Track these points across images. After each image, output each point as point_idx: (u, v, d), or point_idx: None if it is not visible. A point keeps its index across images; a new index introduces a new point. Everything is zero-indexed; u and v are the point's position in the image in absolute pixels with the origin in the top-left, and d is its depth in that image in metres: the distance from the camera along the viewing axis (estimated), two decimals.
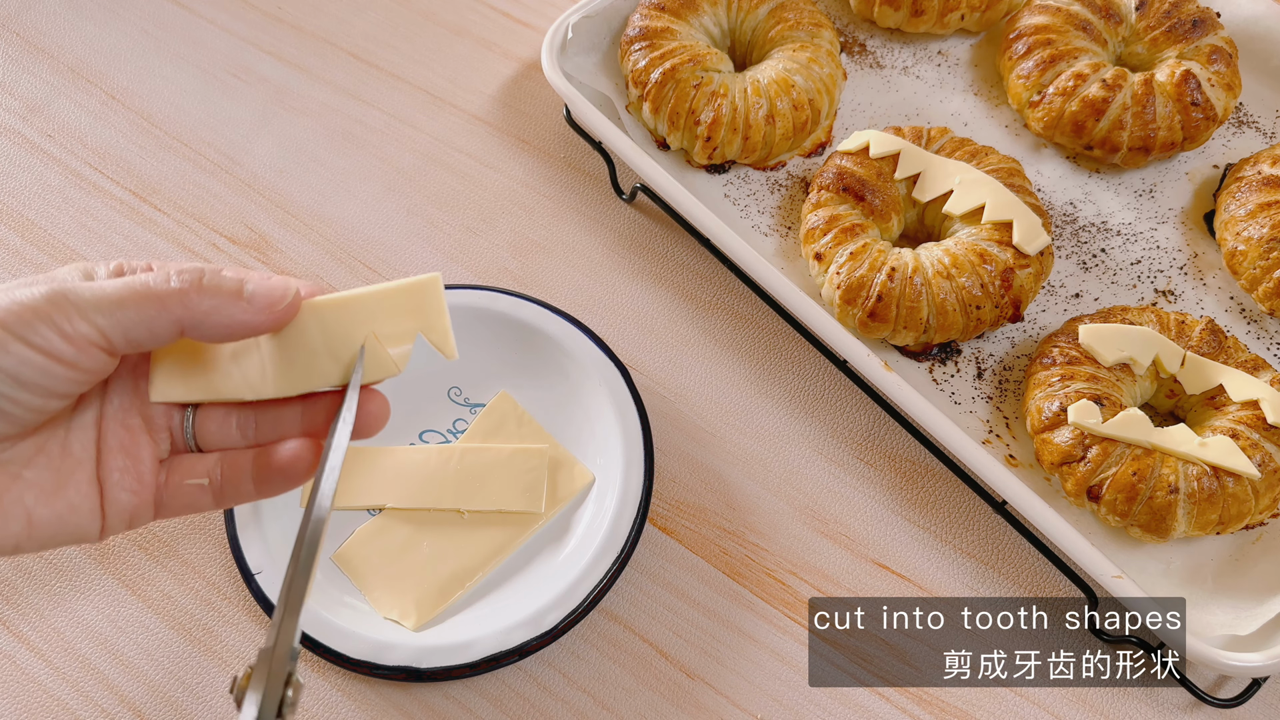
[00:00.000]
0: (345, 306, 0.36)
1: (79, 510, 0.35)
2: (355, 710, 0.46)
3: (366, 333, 0.36)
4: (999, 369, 0.55)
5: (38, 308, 0.31)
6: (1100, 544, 0.49)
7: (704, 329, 0.58)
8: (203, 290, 0.33)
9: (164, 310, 0.33)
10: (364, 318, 0.36)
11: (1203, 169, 0.62)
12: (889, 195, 0.56)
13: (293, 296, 0.35)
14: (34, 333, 0.31)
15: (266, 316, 0.35)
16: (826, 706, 0.47)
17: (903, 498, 0.52)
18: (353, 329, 0.36)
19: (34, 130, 0.64)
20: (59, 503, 0.34)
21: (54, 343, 0.31)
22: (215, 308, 0.33)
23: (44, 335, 0.31)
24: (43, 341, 0.31)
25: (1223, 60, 0.60)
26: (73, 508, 0.34)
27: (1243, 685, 0.46)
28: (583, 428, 0.52)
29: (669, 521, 0.51)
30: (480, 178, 0.63)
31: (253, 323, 0.34)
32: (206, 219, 0.61)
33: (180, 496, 0.37)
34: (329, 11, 0.70)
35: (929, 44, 0.67)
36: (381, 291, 0.37)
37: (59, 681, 0.47)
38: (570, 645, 0.48)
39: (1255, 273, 0.55)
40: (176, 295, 0.33)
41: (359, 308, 0.36)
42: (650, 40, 0.60)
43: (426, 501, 0.50)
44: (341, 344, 0.36)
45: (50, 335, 0.31)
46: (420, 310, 0.37)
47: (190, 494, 0.37)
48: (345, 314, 0.36)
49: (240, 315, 0.34)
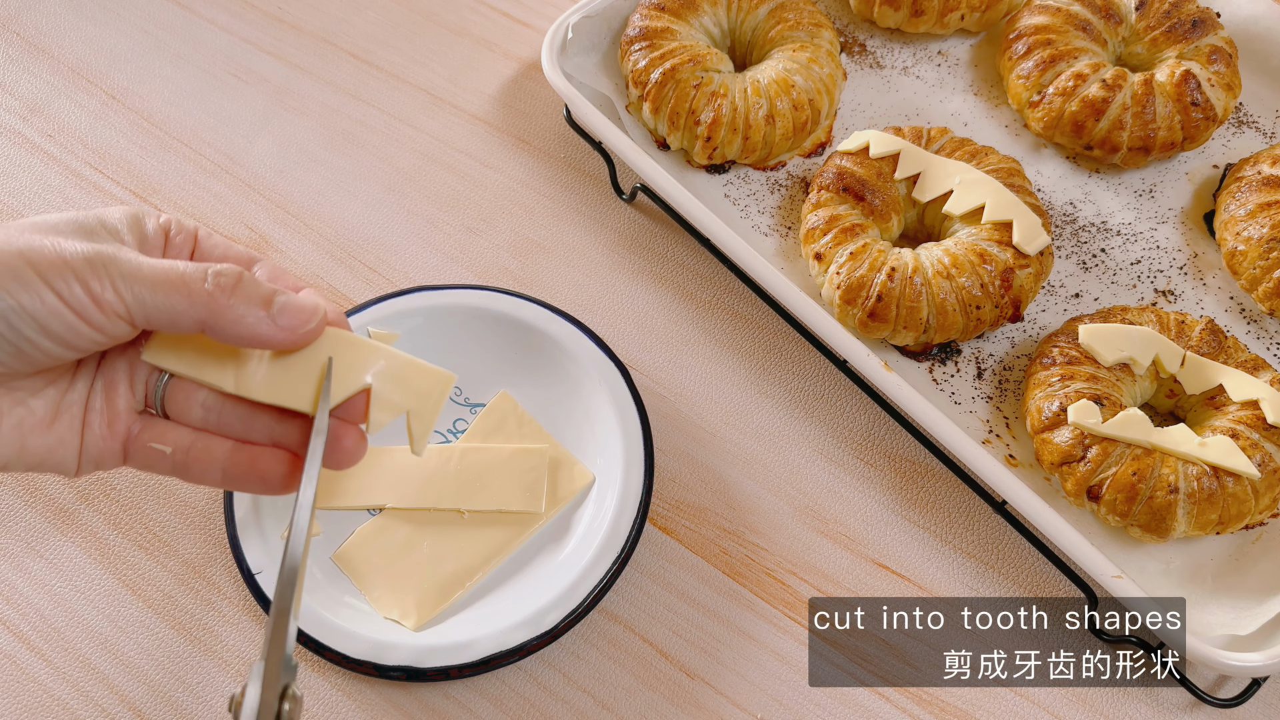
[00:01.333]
0: (361, 349, 0.37)
1: (65, 444, 0.36)
2: (355, 710, 0.46)
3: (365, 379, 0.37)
4: (999, 369, 0.55)
5: (77, 265, 0.32)
6: (1100, 544, 0.49)
7: (704, 329, 0.58)
8: (234, 297, 0.34)
9: (191, 308, 0.34)
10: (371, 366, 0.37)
11: (1203, 169, 0.62)
12: (889, 195, 0.56)
13: (318, 322, 0.36)
14: (67, 288, 0.32)
15: (288, 336, 0.36)
16: (826, 706, 0.47)
17: (903, 498, 0.52)
18: (357, 371, 0.37)
19: (34, 130, 0.64)
20: (50, 435, 0.35)
21: (84, 302, 0.32)
22: (240, 317, 0.34)
23: (75, 293, 0.32)
24: (73, 298, 0.32)
25: (1223, 60, 0.60)
26: (61, 441, 0.36)
27: (1243, 685, 0.46)
28: (583, 428, 0.52)
29: (669, 521, 0.51)
30: (480, 178, 0.63)
31: (272, 338, 0.35)
32: (206, 219, 0.61)
33: (144, 455, 0.38)
34: (329, 11, 0.70)
35: (929, 44, 0.67)
36: (399, 355, 0.38)
37: (59, 681, 0.47)
38: (570, 645, 0.48)
39: (1255, 273, 0.55)
40: (206, 297, 0.34)
41: (373, 356, 0.37)
42: (650, 40, 0.60)
43: (426, 501, 0.50)
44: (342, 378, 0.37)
45: (81, 294, 0.32)
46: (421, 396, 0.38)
47: (152, 456, 0.38)
48: (357, 354, 0.37)
49: (261, 329, 0.35)
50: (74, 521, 0.50)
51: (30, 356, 0.33)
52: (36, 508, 0.51)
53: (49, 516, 0.51)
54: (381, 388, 0.37)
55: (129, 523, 0.50)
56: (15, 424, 0.35)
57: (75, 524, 0.50)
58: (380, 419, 0.38)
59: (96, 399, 0.37)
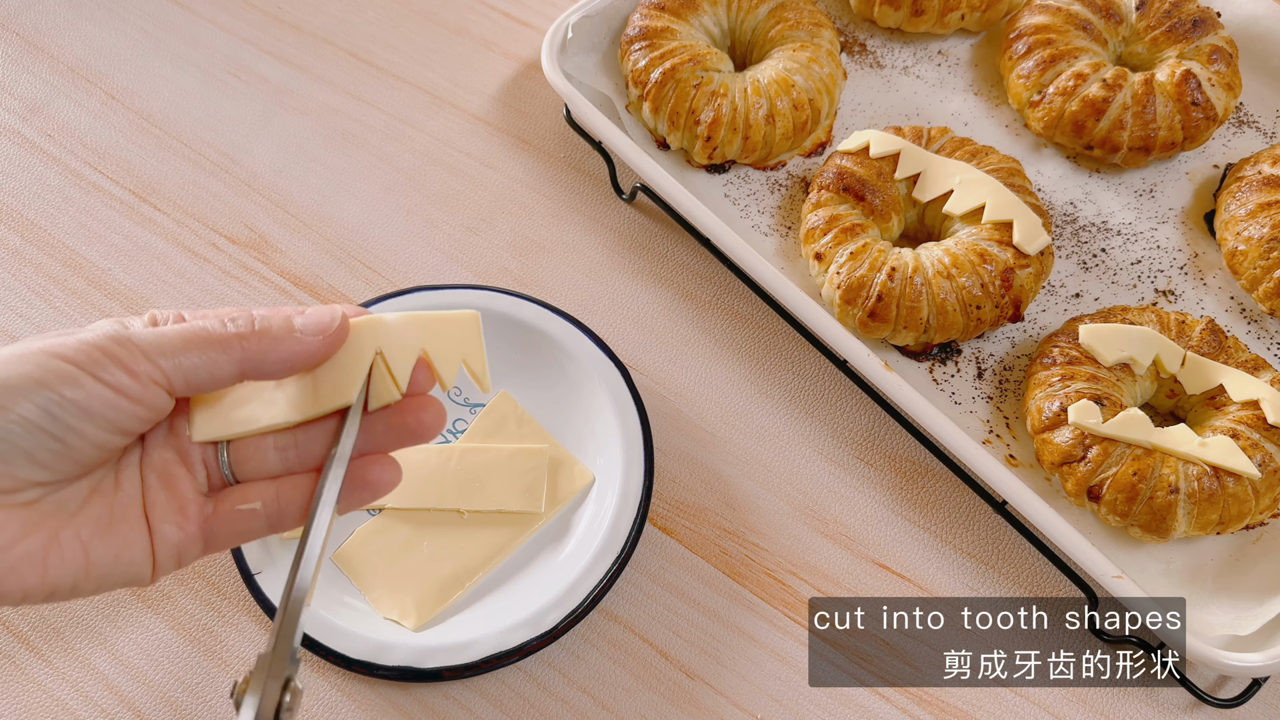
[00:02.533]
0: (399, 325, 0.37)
1: (133, 546, 0.35)
2: (355, 710, 0.46)
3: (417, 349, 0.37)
4: (999, 369, 0.55)
5: (106, 348, 0.32)
6: (1100, 544, 0.49)
7: (704, 329, 0.57)
8: (257, 333, 0.34)
9: (225, 353, 0.34)
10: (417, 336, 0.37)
11: (1203, 169, 0.62)
12: (889, 195, 0.56)
13: (340, 319, 0.36)
14: (104, 370, 0.32)
15: (321, 342, 0.35)
16: (826, 706, 0.47)
17: (903, 498, 0.52)
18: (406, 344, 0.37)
19: (34, 130, 0.64)
20: (114, 540, 0.34)
21: (122, 380, 0.32)
22: (272, 346, 0.34)
23: (113, 373, 0.32)
24: (112, 378, 0.32)
25: (1223, 60, 0.60)
26: (127, 544, 0.35)
27: (1243, 685, 0.46)
28: (583, 428, 0.52)
29: (669, 521, 0.51)
30: (480, 178, 0.63)
31: (310, 352, 0.35)
32: (206, 219, 0.61)
33: (231, 523, 0.37)
34: (329, 11, 0.70)
35: (929, 44, 0.67)
36: (426, 315, 0.38)
37: (59, 681, 0.47)
38: (570, 645, 0.48)
39: (1255, 273, 0.55)
40: (235, 340, 0.34)
41: (414, 327, 0.37)
42: (650, 40, 0.60)
43: (426, 501, 0.50)
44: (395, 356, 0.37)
45: (119, 373, 0.32)
46: (463, 340, 0.38)
47: (242, 520, 0.37)
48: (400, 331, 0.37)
49: (296, 347, 0.35)
50: None
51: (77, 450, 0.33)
52: None
53: None
54: (434, 348, 0.37)
55: None
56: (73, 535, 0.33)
57: None
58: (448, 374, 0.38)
59: (156, 495, 0.36)
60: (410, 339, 0.37)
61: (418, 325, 0.37)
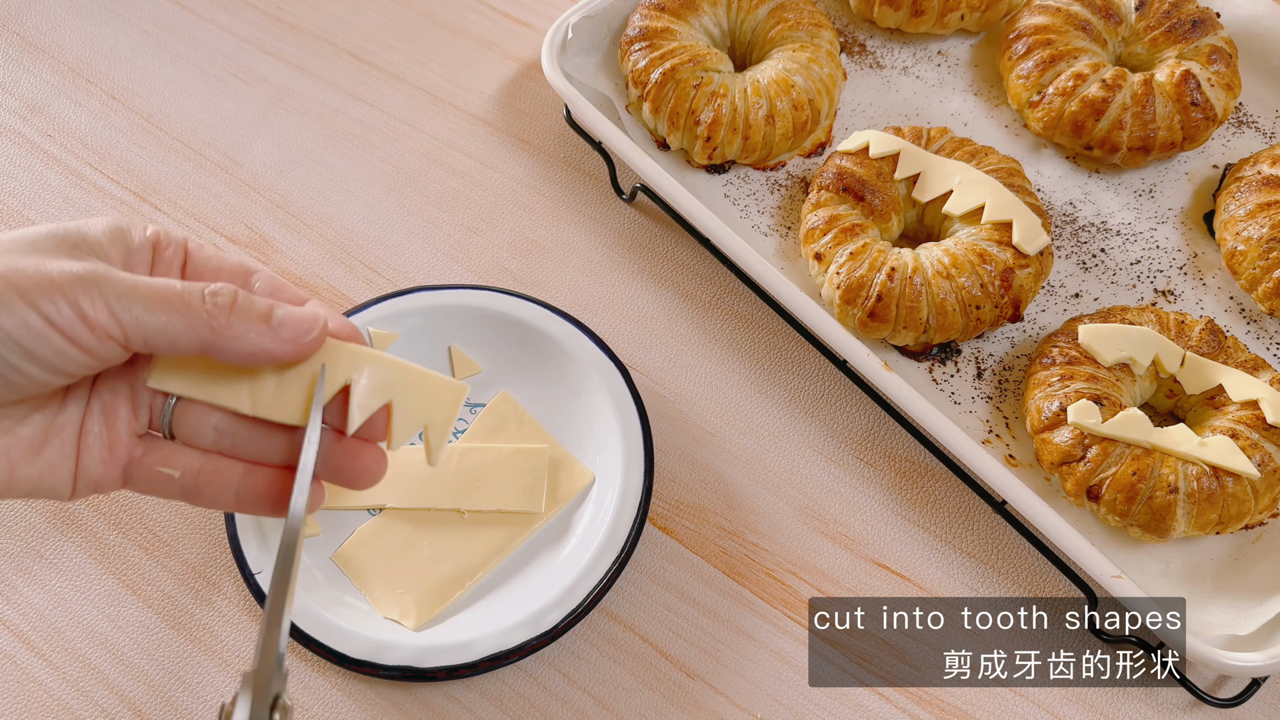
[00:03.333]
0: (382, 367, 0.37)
1: (58, 469, 0.35)
2: (355, 710, 0.46)
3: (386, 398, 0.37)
4: (999, 369, 0.55)
5: (65, 285, 0.31)
6: (1100, 544, 0.49)
7: (704, 329, 0.58)
8: (233, 315, 0.34)
9: (190, 328, 0.33)
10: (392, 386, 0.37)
11: (1202, 169, 0.62)
12: (889, 195, 0.56)
13: (320, 330, 0.35)
14: (55, 309, 0.31)
15: (291, 348, 0.35)
16: (826, 706, 0.47)
17: (903, 498, 0.52)
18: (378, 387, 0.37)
19: (34, 130, 0.64)
20: (41, 461, 0.34)
21: (73, 324, 0.31)
22: (241, 334, 0.34)
23: (64, 314, 0.31)
24: (61, 320, 0.31)
25: (1222, 60, 0.60)
26: (52, 467, 0.35)
27: (1243, 685, 0.46)
28: (583, 428, 0.52)
29: (669, 521, 0.51)
30: (480, 178, 0.63)
31: (276, 352, 0.34)
32: (206, 219, 0.61)
33: (150, 479, 0.37)
34: (329, 11, 0.70)
35: (929, 44, 0.67)
36: (415, 369, 0.37)
37: (59, 681, 0.47)
38: (570, 645, 0.48)
39: (1255, 273, 0.55)
40: (206, 317, 0.33)
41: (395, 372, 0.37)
42: (650, 40, 0.60)
43: (426, 501, 0.50)
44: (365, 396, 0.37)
45: (68, 314, 0.31)
46: (436, 408, 0.38)
47: (160, 480, 0.37)
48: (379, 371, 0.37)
49: (264, 343, 0.34)
50: (74, 522, 0.50)
51: (15, 384, 0.32)
52: (37, 508, 0.51)
53: (49, 517, 0.51)
54: (402, 402, 0.37)
55: (129, 523, 0.50)
56: (2, 453, 0.33)
57: (76, 524, 0.50)
58: (402, 434, 0.37)
59: (94, 423, 0.36)
60: (385, 385, 0.37)
61: (400, 374, 0.37)
